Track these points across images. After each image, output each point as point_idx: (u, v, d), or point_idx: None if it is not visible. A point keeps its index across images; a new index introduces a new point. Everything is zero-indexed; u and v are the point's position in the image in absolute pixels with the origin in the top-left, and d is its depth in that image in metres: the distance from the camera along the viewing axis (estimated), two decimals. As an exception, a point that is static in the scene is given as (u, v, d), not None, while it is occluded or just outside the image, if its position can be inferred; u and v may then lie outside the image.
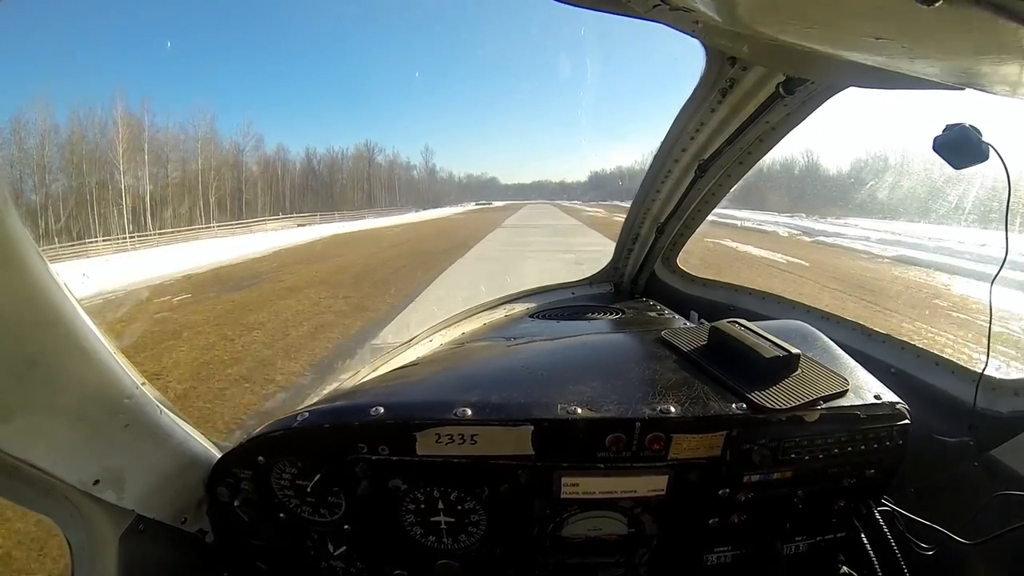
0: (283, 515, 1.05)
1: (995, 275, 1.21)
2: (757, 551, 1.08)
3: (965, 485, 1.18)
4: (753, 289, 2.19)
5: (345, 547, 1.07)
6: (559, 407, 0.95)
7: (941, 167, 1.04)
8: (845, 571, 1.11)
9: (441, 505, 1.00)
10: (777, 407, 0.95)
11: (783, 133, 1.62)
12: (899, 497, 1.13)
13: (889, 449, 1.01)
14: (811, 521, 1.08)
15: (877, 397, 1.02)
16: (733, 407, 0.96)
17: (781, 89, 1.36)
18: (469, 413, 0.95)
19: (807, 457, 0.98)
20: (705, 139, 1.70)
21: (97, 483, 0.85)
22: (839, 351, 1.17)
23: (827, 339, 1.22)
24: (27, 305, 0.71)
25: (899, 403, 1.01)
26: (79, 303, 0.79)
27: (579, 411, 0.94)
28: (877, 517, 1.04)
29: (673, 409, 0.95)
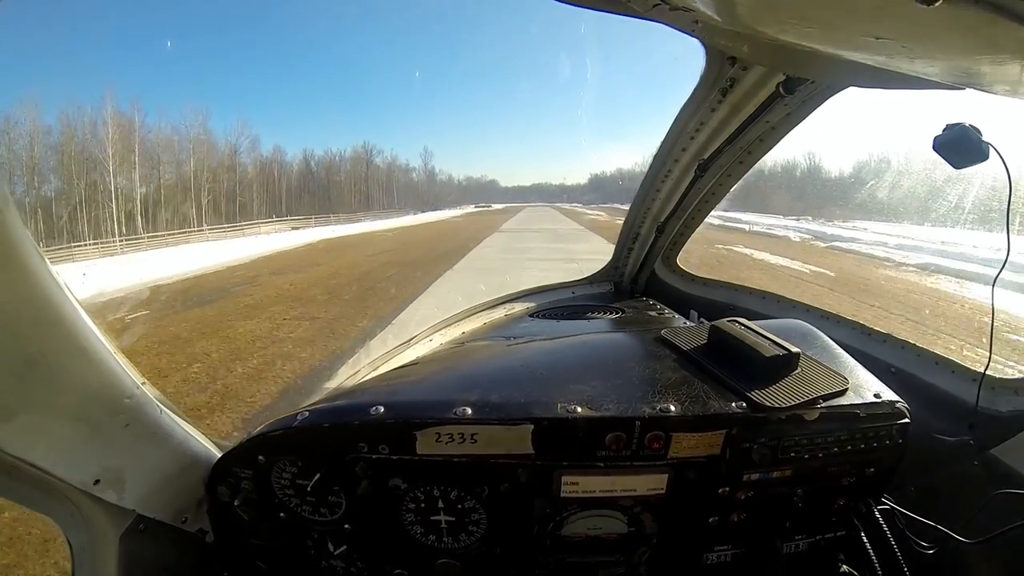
0: (283, 514, 1.05)
1: (996, 275, 1.21)
2: (757, 550, 1.08)
3: (965, 484, 1.19)
4: (753, 288, 2.19)
5: (345, 546, 1.07)
6: (559, 406, 0.95)
7: (947, 168, 1.03)
8: (845, 570, 1.11)
9: (441, 504, 1.00)
10: (777, 406, 0.95)
11: (783, 133, 1.62)
12: (899, 496, 1.13)
13: (889, 448, 1.01)
14: (811, 520, 1.08)
15: (877, 396, 1.02)
16: (733, 406, 0.96)
17: (781, 89, 1.36)
18: (469, 412, 0.95)
19: (807, 456, 0.98)
20: (705, 139, 1.70)
21: (98, 483, 0.85)
22: (839, 350, 1.17)
23: (827, 338, 1.22)
24: (27, 305, 0.71)
25: (899, 402, 1.02)
26: (79, 303, 0.79)
27: (579, 410, 0.94)
28: (877, 516, 1.04)
29: (673, 408, 0.95)
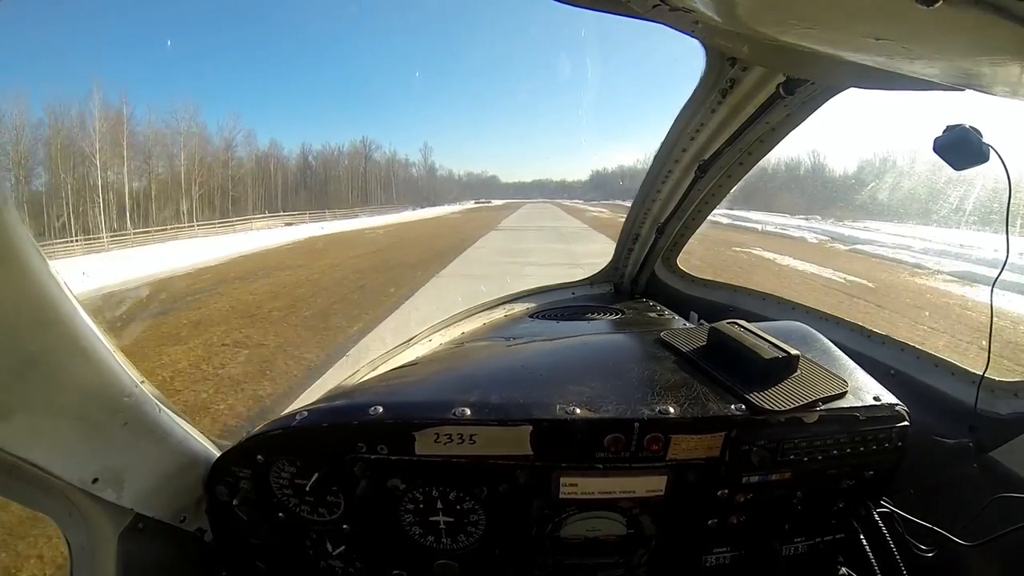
0: (282, 514, 1.05)
1: (996, 276, 1.20)
2: (756, 552, 1.08)
3: (965, 486, 1.18)
4: (752, 290, 2.19)
5: (344, 546, 1.07)
6: (558, 407, 0.95)
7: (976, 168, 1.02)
8: (844, 572, 1.11)
9: (440, 505, 1.00)
10: (776, 408, 0.95)
11: (783, 134, 1.62)
12: (898, 498, 1.13)
13: (888, 450, 1.01)
14: (810, 522, 1.08)
15: (876, 399, 1.02)
16: (732, 408, 0.96)
17: (781, 90, 1.36)
18: (468, 413, 0.95)
19: (806, 458, 0.98)
20: (705, 139, 1.70)
21: (96, 482, 0.85)
22: (838, 352, 1.17)
23: (826, 340, 1.22)
24: (27, 304, 0.71)
25: (898, 404, 1.01)
26: (79, 302, 0.79)
27: (578, 411, 0.94)
28: (876, 518, 1.04)
29: (672, 410, 0.95)
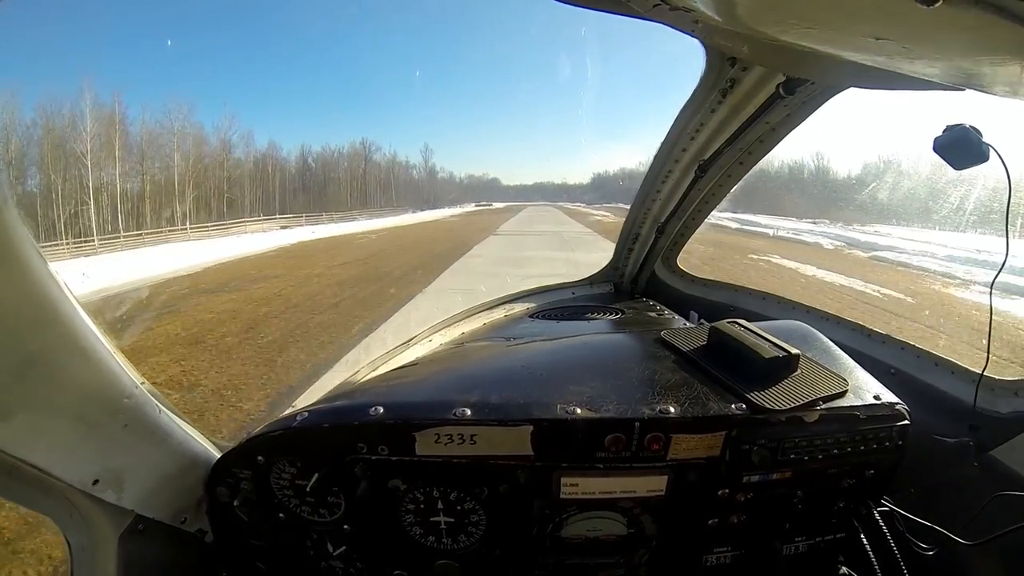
0: (282, 515, 1.05)
1: (995, 276, 1.21)
2: (757, 552, 1.08)
3: (965, 485, 1.18)
4: (753, 289, 2.19)
5: (345, 547, 1.07)
6: (558, 407, 0.95)
7: (970, 169, 1.01)
8: (845, 571, 1.11)
9: (441, 505, 1.00)
10: (777, 407, 0.95)
11: (783, 134, 1.62)
12: (899, 497, 1.13)
13: (889, 449, 1.01)
14: (811, 521, 1.08)
15: (877, 397, 1.02)
16: (732, 407, 0.96)
17: (781, 89, 1.36)
18: (468, 413, 0.94)
19: (806, 457, 0.98)
20: (705, 139, 1.70)
21: (96, 483, 0.85)
22: (839, 351, 1.17)
23: (827, 339, 1.22)
24: (27, 304, 0.71)
25: (899, 403, 1.01)
26: (79, 303, 0.79)
27: (578, 411, 0.94)
28: (877, 517, 1.04)
29: (672, 409, 0.95)
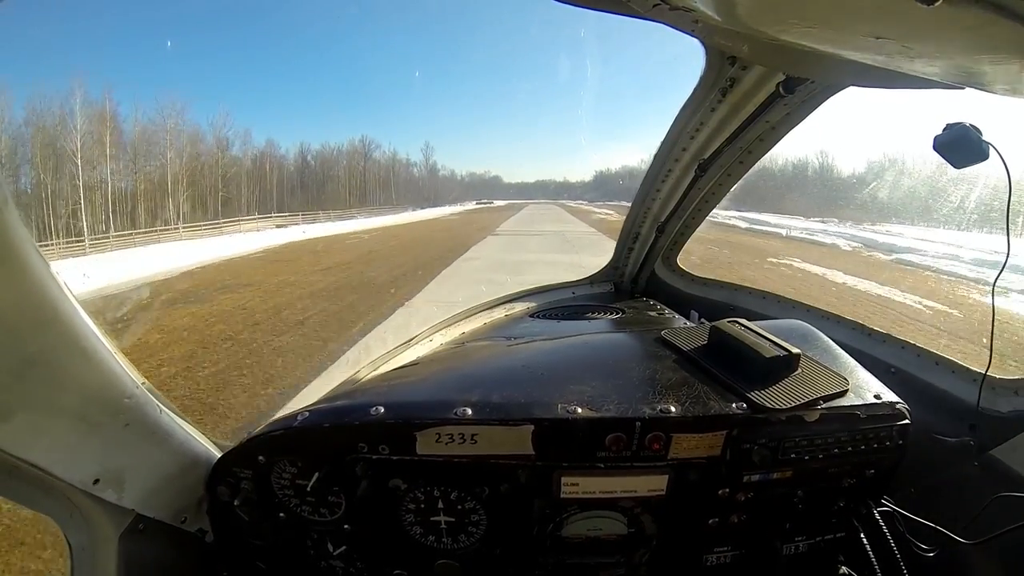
0: (283, 515, 1.05)
1: (997, 275, 1.21)
2: (757, 551, 1.08)
3: (965, 485, 1.18)
4: (753, 288, 2.19)
5: (345, 547, 1.07)
6: (559, 407, 0.95)
7: (983, 166, 1.01)
8: (845, 571, 1.11)
9: (441, 505, 1.00)
10: (777, 407, 0.95)
11: (783, 132, 1.62)
12: (899, 497, 1.13)
13: (889, 449, 1.01)
14: (811, 521, 1.08)
15: (877, 397, 1.02)
16: (733, 407, 0.96)
17: (781, 88, 1.36)
18: (469, 413, 0.95)
19: (807, 457, 0.98)
20: (705, 138, 1.70)
21: (97, 482, 0.85)
22: (839, 351, 1.17)
23: (827, 339, 1.22)
24: (27, 305, 0.71)
25: (899, 403, 1.01)
26: (79, 303, 0.79)
27: (579, 411, 0.94)
28: (877, 517, 1.04)
29: (673, 409, 0.95)
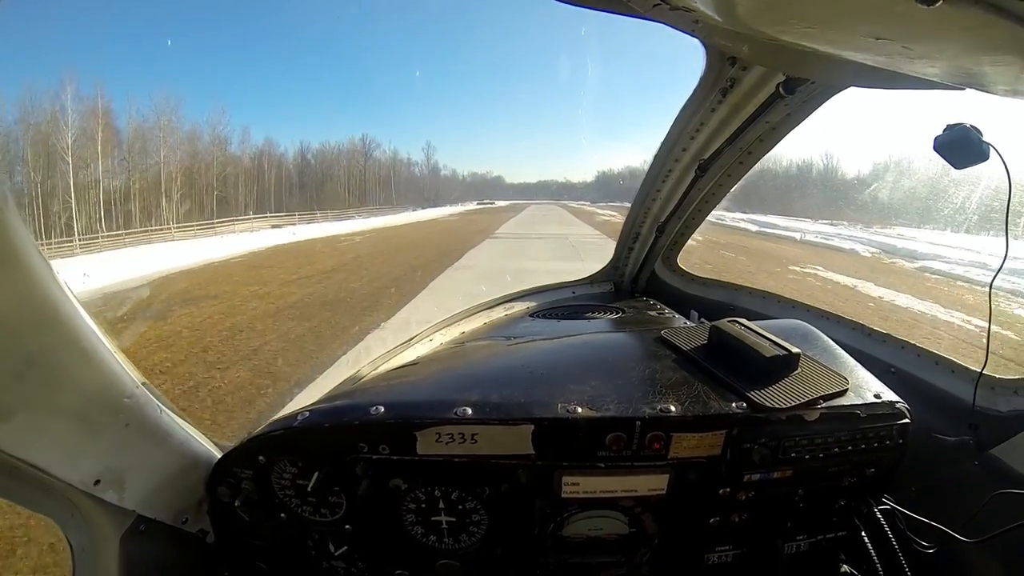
0: (284, 515, 1.05)
1: (995, 274, 1.21)
2: (758, 550, 1.08)
3: (965, 484, 1.19)
4: (753, 288, 2.19)
5: (346, 547, 1.07)
6: (559, 406, 0.95)
7: (997, 167, 1.00)
8: (846, 570, 1.11)
9: (442, 505, 1.00)
10: (777, 406, 0.95)
11: (783, 133, 1.62)
12: (899, 496, 1.13)
13: (889, 448, 1.01)
14: (812, 520, 1.08)
15: (877, 396, 1.02)
16: (733, 406, 0.96)
17: (781, 89, 1.36)
18: (469, 412, 0.95)
19: (807, 456, 0.98)
20: (705, 139, 1.70)
21: (98, 483, 0.85)
22: (839, 350, 1.18)
23: (827, 338, 1.22)
24: (27, 304, 0.71)
25: (899, 402, 1.02)
26: (79, 303, 0.79)
27: (579, 410, 0.94)
28: (878, 516, 1.04)
29: (673, 408, 0.95)
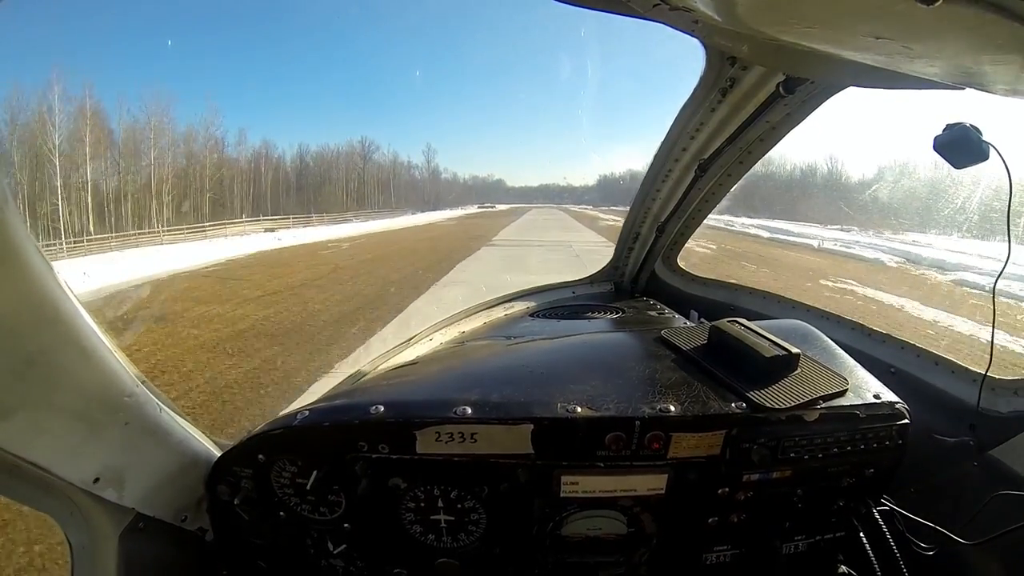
0: (283, 513, 1.05)
1: (998, 275, 1.21)
2: (757, 550, 1.08)
3: (965, 485, 1.18)
4: (753, 288, 2.19)
5: (345, 545, 1.07)
6: (559, 406, 0.95)
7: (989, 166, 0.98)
8: (844, 571, 1.11)
9: (441, 504, 1.00)
10: (777, 406, 0.95)
11: (783, 132, 1.62)
12: (899, 497, 1.13)
13: (889, 449, 1.01)
14: (810, 520, 1.08)
15: (877, 397, 1.02)
16: (733, 406, 0.96)
17: (781, 89, 1.36)
18: (469, 412, 0.95)
19: (807, 456, 0.98)
20: (705, 139, 1.70)
21: (97, 481, 0.86)
22: (839, 350, 1.17)
23: (827, 338, 1.22)
24: (27, 304, 0.71)
25: (898, 403, 1.02)
26: (79, 302, 0.79)
27: (579, 410, 0.94)
28: (876, 517, 1.04)
29: (673, 408, 0.95)
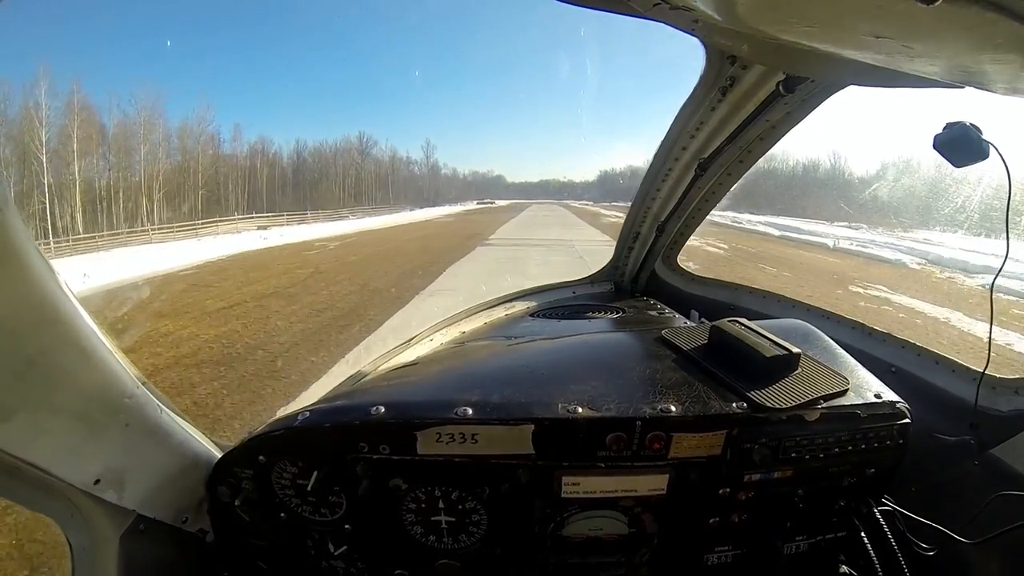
0: (284, 515, 1.05)
1: (996, 273, 1.21)
2: (758, 550, 1.08)
3: (966, 484, 1.18)
4: (754, 288, 2.19)
5: (346, 547, 1.07)
6: (560, 406, 0.95)
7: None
8: (845, 571, 1.11)
9: (442, 504, 1.00)
10: (777, 406, 0.95)
11: (783, 131, 1.62)
12: (900, 496, 1.13)
13: (889, 448, 1.01)
14: (812, 520, 1.08)
15: (877, 396, 1.02)
16: (733, 406, 0.96)
17: (781, 88, 1.35)
18: (470, 412, 0.95)
19: (807, 456, 0.98)
20: (705, 138, 1.69)
21: (98, 483, 0.86)
22: (839, 350, 1.17)
23: (827, 338, 1.22)
24: (27, 305, 0.71)
25: (899, 402, 1.01)
26: (79, 303, 0.79)
27: (580, 410, 0.94)
28: (877, 516, 1.04)
29: (673, 408, 0.95)
